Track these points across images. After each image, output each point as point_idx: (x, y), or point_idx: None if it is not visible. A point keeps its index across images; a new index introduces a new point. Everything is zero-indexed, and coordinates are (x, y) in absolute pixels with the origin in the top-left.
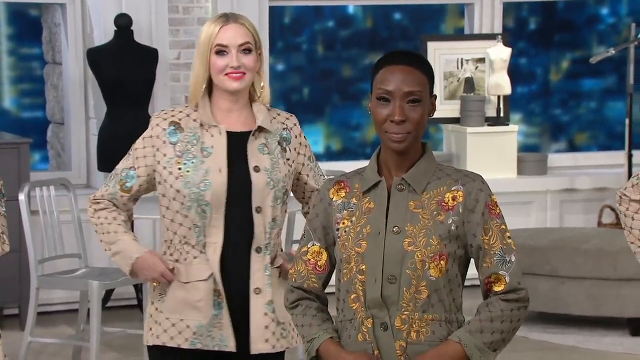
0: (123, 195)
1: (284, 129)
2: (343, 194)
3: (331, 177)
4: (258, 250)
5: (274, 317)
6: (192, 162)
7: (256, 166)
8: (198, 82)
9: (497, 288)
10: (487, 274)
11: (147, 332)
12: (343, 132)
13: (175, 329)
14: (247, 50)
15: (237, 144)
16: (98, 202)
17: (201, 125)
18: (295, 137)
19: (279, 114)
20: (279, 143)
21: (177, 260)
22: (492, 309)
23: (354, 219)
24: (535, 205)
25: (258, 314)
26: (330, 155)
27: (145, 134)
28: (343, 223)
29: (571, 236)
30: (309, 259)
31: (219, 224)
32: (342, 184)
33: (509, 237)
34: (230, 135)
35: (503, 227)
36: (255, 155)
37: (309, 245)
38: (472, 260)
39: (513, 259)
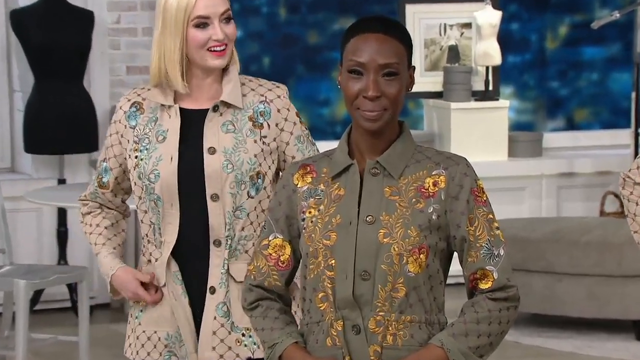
0: (104, 192)
1: (261, 101)
2: (309, 180)
3: (296, 161)
4: (217, 243)
5: (224, 321)
6: (147, 149)
7: (211, 147)
8: (172, 61)
9: (484, 285)
10: (473, 270)
11: (127, 346)
12: (309, 108)
13: (151, 342)
14: (228, 19)
15: (195, 123)
16: (84, 204)
17: (162, 105)
18: (278, 110)
19: (261, 85)
20: (252, 119)
21: (149, 262)
22: (478, 309)
23: (321, 207)
24: (528, 192)
25: (209, 317)
26: None
27: (113, 117)
28: (309, 212)
29: (570, 227)
30: (270, 254)
31: (174, 220)
32: (308, 168)
33: (497, 228)
34: (189, 115)
35: (490, 216)
36: (215, 134)
37: (270, 238)
38: (455, 254)
39: (502, 252)
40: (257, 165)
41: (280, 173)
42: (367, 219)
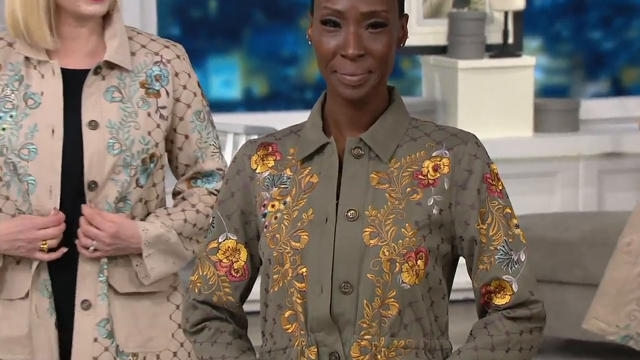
0: None
1: (156, 62)
2: (272, 163)
3: (253, 138)
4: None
5: (109, 344)
6: (11, 116)
7: (92, 121)
8: (32, 5)
9: (500, 301)
10: (486, 280)
11: None
12: (270, 67)
13: None
14: None
15: (70, 89)
16: None
17: (27, 59)
18: (177, 74)
19: (153, 40)
20: (144, 85)
21: (3, 267)
22: (492, 332)
23: (288, 199)
24: (560, 179)
25: (83, 340)
26: (250, 103)
27: None
28: (272, 206)
29: (614, 225)
30: (220, 260)
31: (49, 212)
32: (270, 148)
33: (517, 226)
34: (66, 76)
35: (508, 210)
36: (97, 104)
37: (220, 240)
38: (462, 260)
39: (523, 257)
40: (152, 145)
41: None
42: (349, 214)
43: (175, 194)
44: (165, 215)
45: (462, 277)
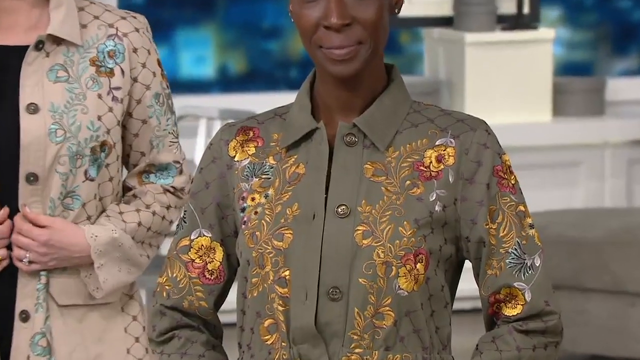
0: None
1: (110, 36)
2: (252, 150)
3: (231, 121)
4: None
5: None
6: None
7: (32, 104)
8: None
9: (511, 311)
10: (495, 288)
11: None
12: (249, 41)
13: None
14: None
15: (7, 67)
16: None
17: None
18: (134, 51)
19: (109, 11)
20: (95, 62)
21: None
22: (502, 347)
23: (271, 192)
24: (584, 170)
25: (19, 356)
26: (226, 82)
27: None
28: (252, 199)
29: None
30: (193, 260)
31: None
32: (251, 133)
33: (532, 226)
34: (4, 53)
35: (521, 208)
36: (38, 85)
37: (192, 237)
38: (468, 264)
39: (537, 262)
40: (104, 132)
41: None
42: (339, 210)
43: (125, 189)
44: (117, 214)
45: (468, 284)
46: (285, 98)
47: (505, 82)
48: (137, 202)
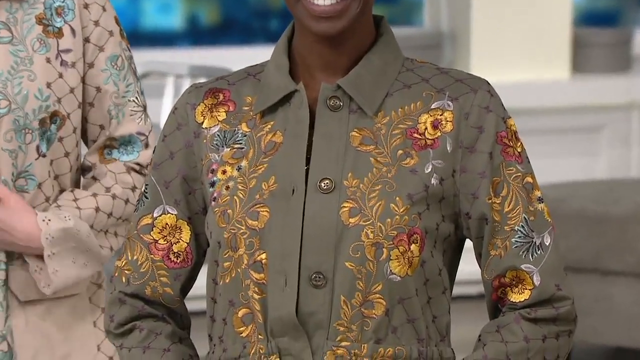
0: None
1: None
2: (223, 116)
3: (197, 83)
4: None
5: None
6: None
7: None
8: None
9: (517, 297)
10: (499, 271)
11: None
12: None
13: None
14: None
15: None
16: None
17: None
18: (85, 7)
19: None
20: (42, 20)
21: None
22: (507, 337)
23: (244, 164)
24: (607, 134)
25: None
26: (196, 35)
27: None
28: (223, 172)
29: None
30: (156, 241)
31: None
32: (221, 96)
33: (541, 200)
34: None
35: (529, 179)
36: None
37: (155, 214)
38: (469, 244)
39: (547, 241)
40: (54, 101)
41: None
42: (322, 184)
43: (85, 169)
44: (71, 201)
45: (471, 266)
46: (263, 53)
47: (517, 34)
48: (96, 185)
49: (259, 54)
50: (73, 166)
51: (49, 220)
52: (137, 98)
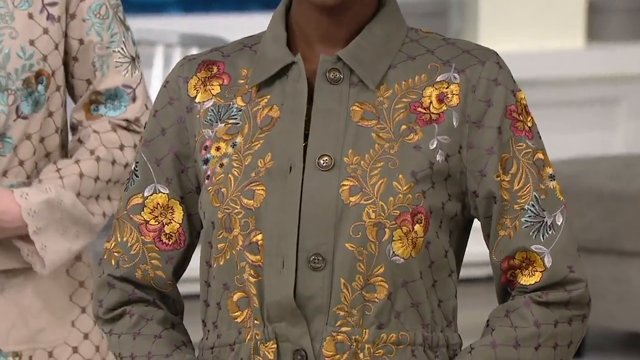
0: None
1: None
2: (217, 89)
3: (191, 55)
4: None
5: None
6: None
7: None
8: None
9: (528, 279)
10: (508, 252)
11: None
12: None
13: None
14: None
15: None
16: None
17: None
18: None
19: None
20: None
21: None
22: (517, 322)
23: (239, 140)
24: (625, 108)
25: None
26: (187, 1)
27: None
28: (217, 149)
29: None
30: (147, 221)
31: None
32: (215, 69)
33: (552, 177)
34: None
35: (540, 156)
36: None
37: (145, 194)
38: (477, 224)
39: (559, 220)
40: (38, 60)
41: (74, 77)
42: (321, 161)
43: (72, 128)
44: (54, 172)
45: (480, 246)
46: (258, 20)
47: (528, 1)
48: (80, 150)
49: (254, 21)
50: (59, 127)
51: (27, 194)
52: (122, 49)
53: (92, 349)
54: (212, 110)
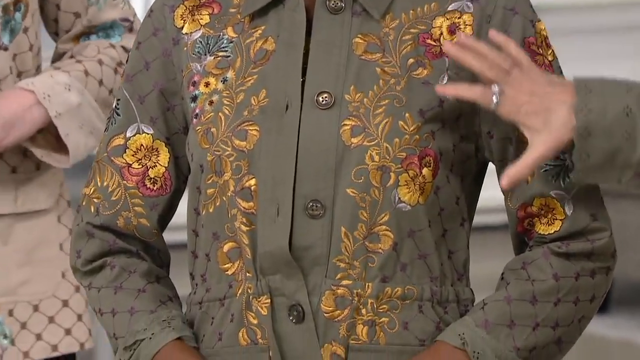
0: None
1: None
2: (206, 19)
3: None
4: None
5: None
6: None
7: None
8: None
9: (547, 229)
10: (525, 198)
11: None
12: None
13: None
14: None
15: None
16: None
17: None
18: None
19: None
20: None
21: None
22: (535, 275)
23: (230, 75)
24: None
25: None
26: None
27: None
28: (206, 85)
29: None
30: (129, 165)
31: None
32: None
33: None
34: None
35: None
36: None
37: (128, 134)
38: (491, 168)
39: None
40: None
41: (59, 12)
42: (320, 99)
43: (57, 57)
44: (54, 69)
45: (491, 190)
46: None
47: None
48: (78, 57)
49: None
50: (35, 62)
51: (32, 82)
52: None
53: (82, 303)
54: (201, 42)
